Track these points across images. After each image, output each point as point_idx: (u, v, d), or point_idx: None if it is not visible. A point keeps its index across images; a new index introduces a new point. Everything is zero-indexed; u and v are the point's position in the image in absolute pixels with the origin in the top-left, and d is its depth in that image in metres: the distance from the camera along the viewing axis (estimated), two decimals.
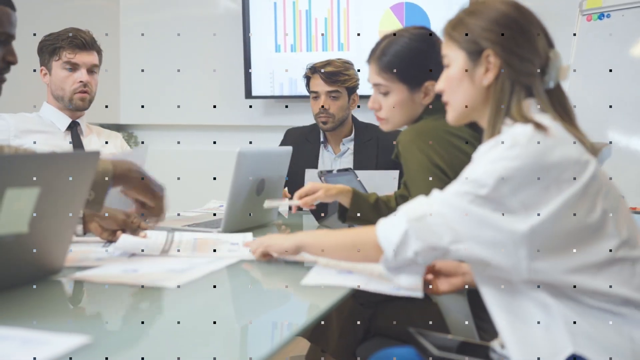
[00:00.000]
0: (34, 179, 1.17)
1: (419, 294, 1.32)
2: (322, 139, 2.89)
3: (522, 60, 1.27)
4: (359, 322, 1.92)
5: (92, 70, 2.51)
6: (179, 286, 1.31)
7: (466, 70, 1.31)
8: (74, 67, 2.46)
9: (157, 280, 1.33)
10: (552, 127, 1.21)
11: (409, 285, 1.30)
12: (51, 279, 1.34)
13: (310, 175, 2.48)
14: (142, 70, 4.29)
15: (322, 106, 2.76)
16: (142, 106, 4.35)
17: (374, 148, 2.84)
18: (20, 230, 1.19)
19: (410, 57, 1.79)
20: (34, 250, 1.27)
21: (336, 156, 2.88)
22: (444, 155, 1.65)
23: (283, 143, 2.95)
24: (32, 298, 1.22)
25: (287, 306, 1.31)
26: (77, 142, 2.52)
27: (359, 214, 1.97)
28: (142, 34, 4.31)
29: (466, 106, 1.33)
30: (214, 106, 4.21)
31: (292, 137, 2.95)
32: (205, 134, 4.31)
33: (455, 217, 1.19)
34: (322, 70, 2.76)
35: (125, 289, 1.31)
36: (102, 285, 1.33)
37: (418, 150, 1.67)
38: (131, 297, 1.28)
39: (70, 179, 1.28)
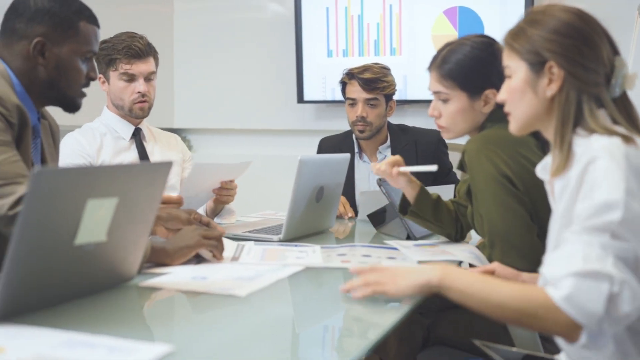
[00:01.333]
0: (113, 189, 1.21)
1: None
2: (356, 149, 2.76)
3: (586, 70, 1.24)
4: (418, 331, 1.92)
5: (149, 78, 2.49)
6: (247, 295, 1.33)
7: (528, 82, 1.29)
8: (131, 77, 2.44)
9: (227, 289, 1.36)
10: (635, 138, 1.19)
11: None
12: (125, 286, 1.38)
13: (365, 197, 2.44)
14: (196, 75, 4.36)
15: (359, 115, 2.63)
16: (196, 111, 4.42)
17: (413, 153, 2.70)
18: (100, 239, 1.24)
19: (471, 65, 1.79)
20: (112, 258, 1.31)
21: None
22: (511, 165, 1.64)
23: (318, 153, 2.88)
24: (111, 305, 1.27)
25: (359, 316, 1.32)
26: (141, 151, 2.53)
27: (419, 211, 1.96)
28: (196, 39, 4.37)
29: (528, 117, 1.32)
30: (266, 111, 4.26)
31: (326, 147, 2.85)
32: (257, 138, 4.36)
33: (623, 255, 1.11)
34: (360, 77, 2.63)
35: (197, 296, 1.34)
36: (174, 292, 1.37)
37: (486, 159, 1.66)
38: (204, 305, 1.31)
39: (145, 188, 1.32)
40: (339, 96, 3.97)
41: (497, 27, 3.61)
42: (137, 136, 2.54)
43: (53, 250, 1.15)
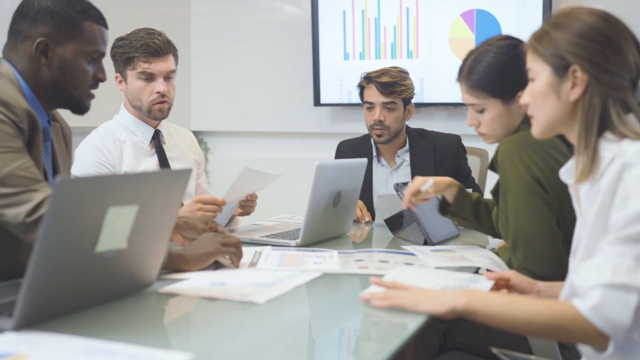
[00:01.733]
0: (134, 197, 1.23)
1: None
2: (374, 153, 2.75)
3: (611, 75, 1.22)
4: (435, 336, 1.92)
5: (168, 76, 2.38)
6: (266, 301, 1.34)
7: (551, 86, 1.28)
8: (149, 76, 2.32)
9: (246, 295, 1.37)
10: None
11: None
12: (145, 292, 1.39)
13: (383, 200, 2.44)
14: (213, 78, 4.38)
15: (377, 119, 2.61)
16: (213, 113, 4.44)
17: (431, 157, 2.70)
18: (120, 246, 1.25)
19: (498, 72, 1.76)
20: (132, 265, 1.32)
21: (392, 169, 2.72)
22: (543, 168, 1.63)
23: (336, 157, 2.87)
24: (130, 311, 1.28)
25: (378, 322, 1.32)
26: (162, 157, 2.42)
27: (459, 211, 1.97)
28: (213, 42, 4.39)
29: (551, 120, 1.31)
30: (282, 114, 4.27)
31: (344, 151, 2.84)
32: (273, 141, 4.37)
33: None
34: (378, 80, 2.61)
35: (216, 303, 1.35)
36: (193, 299, 1.38)
37: (519, 160, 1.64)
38: (222, 312, 1.31)
39: (165, 195, 1.33)
40: (355, 99, 3.99)
41: (514, 30, 3.59)
42: (157, 139, 2.44)
43: (74, 258, 1.16)
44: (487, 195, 2.73)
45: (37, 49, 1.55)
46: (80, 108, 1.66)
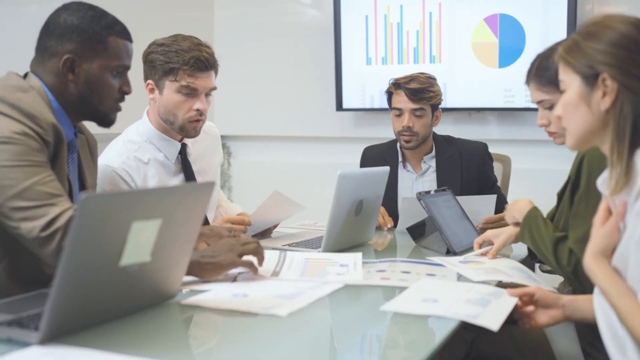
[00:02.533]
0: (157, 211, 1.24)
1: (495, 327, 1.30)
2: (400, 159, 2.74)
3: None
4: (461, 345, 1.91)
5: (208, 93, 2.20)
6: (288, 314, 1.34)
7: (582, 96, 1.27)
8: (192, 92, 2.13)
9: (268, 308, 1.37)
10: None
11: None
12: (168, 304, 1.40)
13: (407, 203, 2.44)
14: (235, 82, 4.39)
15: (406, 125, 2.59)
16: (235, 117, 4.45)
17: (457, 164, 2.69)
18: (144, 260, 1.26)
19: None
20: (155, 278, 1.33)
21: (417, 175, 2.71)
22: None
23: (361, 162, 2.88)
24: (153, 325, 1.28)
25: (403, 335, 1.32)
26: (188, 173, 2.27)
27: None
28: (236, 45, 4.40)
29: (583, 131, 1.29)
30: (305, 118, 4.27)
31: (370, 157, 2.84)
32: (295, 146, 4.37)
33: None
34: (407, 87, 2.61)
35: (238, 315, 1.35)
36: (215, 311, 1.38)
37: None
38: (245, 325, 1.32)
39: (188, 208, 1.34)
40: (378, 104, 3.99)
41: (538, 35, 3.57)
42: (183, 154, 2.27)
43: (99, 272, 1.18)
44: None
45: (64, 66, 1.59)
46: (107, 121, 1.70)
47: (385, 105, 3.87)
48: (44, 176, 1.45)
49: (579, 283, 1.64)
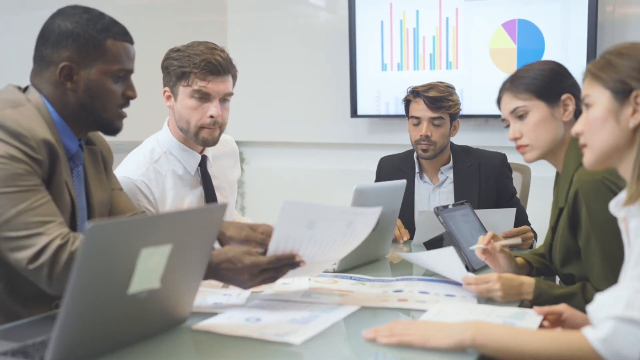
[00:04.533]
0: (167, 236, 1.19)
1: None
2: (417, 169, 2.69)
3: None
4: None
5: (225, 99, 2.14)
6: (302, 342, 1.29)
7: (611, 111, 1.24)
8: (204, 96, 2.08)
9: (282, 335, 1.32)
10: None
11: None
12: (178, 328, 1.36)
13: (424, 216, 2.38)
14: (249, 87, 4.35)
15: (424, 134, 2.55)
16: (249, 123, 4.41)
17: (476, 175, 2.63)
18: (154, 286, 1.21)
19: (544, 75, 1.78)
20: (165, 303, 1.28)
21: (434, 186, 2.66)
22: None
23: (377, 173, 2.83)
24: (163, 352, 1.24)
25: None
26: (207, 188, 2.20)
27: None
28: (249, 50, 4.36)
29: (608, 148, 1.25)
30: (319, 124, 4.22)
31: (386, 167, 2.78)
32: (310, 152, 4.32)
33: None
34: (426, 95, 2.56)
35: (251, 342, 1.30)
36: (227, 337, 1.33)
37: (611, 192, 1.53)
38: (258, 353, 1.27)
39: (199, 232, 1.29)
40: (393, 111, 3.93)
41: (558, 41, 3.49)
42: (203, 166, 2.20)
43: (106, 301, 1.13)
44: (533, 215, 2.67)
45: (62, 74, 1.51)
46: (112, 129, 1.61)
47: (401, 112, 3.83)
48: (33, 201, 1.37)
49: None
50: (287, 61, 4.27)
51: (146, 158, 2.14)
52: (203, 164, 2.21)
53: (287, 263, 1.48)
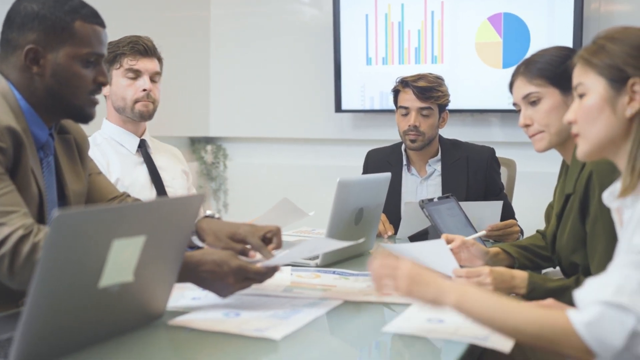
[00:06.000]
0: (140, 227, 1.14)
1: (507, 348, 1.22)
2: (404, 161, 2.67)
3: None
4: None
5: (154, 79, 2.36)
6: (283, 337, 1.24)
7: (607, 100, 1.19)
8: (136, 74, 2.32)
9: (262, 330, 1.27)
10: None
11: None
12: (154, 324, 1.30)
13: (409, 208, 2.34)
14: (232, 82, 4.30)
15: (412, 124, 2.55)
16: (232, 119, 4.35)
17: (464, 168, 2.62)
18: (126, 280, 1.16)
19: (559, 62, 1.73)
20: (139, 298, 1.23)
21: (422, 179, 2.64)
22: None
23: (365, 166, 2.81)
24: (137, 350, 1.18)
25: (408, 356, 1.22)
26: (151, 167, 2.38)
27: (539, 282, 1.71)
28: (233, 45, 4.31)
29: (603, 137, 1.21)
30: (303, 120, 4.17)
31: (373, 160, 2.77)
32: (294, 147, 4.27)
33: None
34: (415, 85, 2.55)
35: (230, 337, 1.25)
36: (205, 334, 1.28)
37: None
38: (237, 349, 1.21)
39: (174, 223, 1.24)
40: (377, 105, 3.89)
41: (543, 34, 3.47)
42: (144, 148, 2.40)
43: (75, 295, 1.08)
44: (518, 210, 2.64)
45: (27, 58, 1.44)
46: (83, 116, 1.54)
47: (386, 107, 3.81)
48: None
49: None
50: (270, 56, 4.21)
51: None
52: (143, 146, 2.41)
53: (272, 273, 1.44)
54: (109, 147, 2.36)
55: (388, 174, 2.17)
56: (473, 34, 3.61)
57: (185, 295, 1.52)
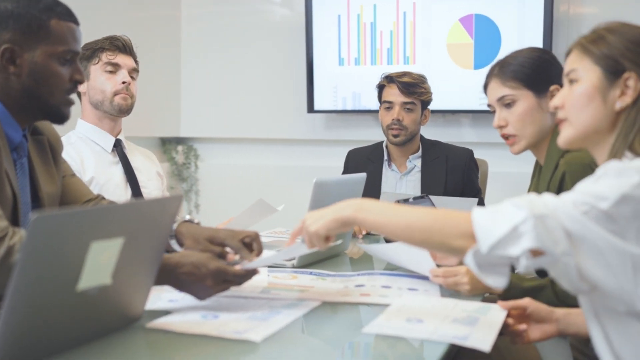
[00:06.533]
0: (118, 229, 1.12)
1: (487, 347, 1.21)
2: (385, 157, 2.76)
3: None
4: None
5: (132, 75, 2.38)
6: (263, 339, 1.23)
7: (599, 89, 1.20)
8: (115, 67, 2.33)
9: (241, 332, 1.26)
10: None
11: (495, 286, 1.13)
12: (132, 327, 1.29)
13: (387, 198, 2.38)
14: (204, 83, 4.27)
15: (396, 118, 2.64)
16: (203, 119, 4.32)
17: (443, 166, 2.69)
18: (104, 282, 1.14)
19: (533, 63, 1.76)
20: (117, 301, 1.21)
21: (402, 174, 2.72)
22: None
23: (345, 165, 2.86)
24: (116, 352, 1.17)
25: (388, 357, 1.22)
26: (126, 166, 2.38)
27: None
28: (204, 45, 4.28)
29: (589, 126, 1.22)
30: (275, 120, 4.16)
31: (354, 159, 2.84)
32: (266, 148, 4.27)
33: (573, 226, 1.04)
34: (400, 80, 2.66)
35: (209, 340, 1.24)
36: (183, 336, 1.27)
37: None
38: (216, 352, 1.20)
39: (153, 224, 1.23)
40: (350, 106, 3.90)
41: (514, 36, 3.51)
42: (119, 147, 2.40)
43: (53, 298, 1.06)
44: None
45: (3, 57, 1.41)
46: (59, 116, 1.52)
47: (358, 107, 3.82)
48: None
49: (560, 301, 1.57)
50: (242, 56, 4.20)
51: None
52: (119, 145, 2.40)
53: (251, 276, 1.43)
54: (83, 145, 2.35)
55: (363, 174, 2.18)
56: (445, 35, 3.64)
57: (162, 298, 1.50)
